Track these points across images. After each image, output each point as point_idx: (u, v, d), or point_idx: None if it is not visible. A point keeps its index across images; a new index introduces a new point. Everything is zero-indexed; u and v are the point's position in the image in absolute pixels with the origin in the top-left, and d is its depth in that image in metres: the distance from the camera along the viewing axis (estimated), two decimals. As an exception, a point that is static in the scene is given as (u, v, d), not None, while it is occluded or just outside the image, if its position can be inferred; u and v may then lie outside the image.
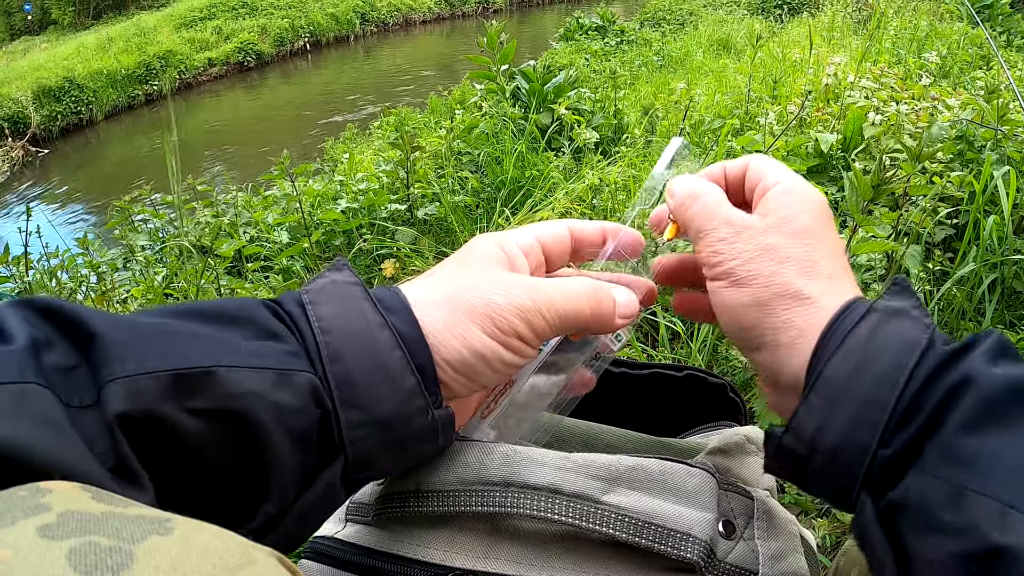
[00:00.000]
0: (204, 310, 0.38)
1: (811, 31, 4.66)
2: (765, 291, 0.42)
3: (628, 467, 0.46)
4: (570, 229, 0.51)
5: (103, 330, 0.32)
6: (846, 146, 2.26)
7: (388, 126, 5.23)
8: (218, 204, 2.68)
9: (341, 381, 0.38)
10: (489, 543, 0.46)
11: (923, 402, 0.36)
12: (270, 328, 0.38)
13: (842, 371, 0.38)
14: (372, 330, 0.39)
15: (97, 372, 0.31)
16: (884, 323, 0.39)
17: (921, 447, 0.35)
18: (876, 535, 0.36)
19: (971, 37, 4.63)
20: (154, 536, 0.25)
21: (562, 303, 0.44)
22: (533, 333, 0.43)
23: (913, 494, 0.34)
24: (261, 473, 0.35)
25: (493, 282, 0.44)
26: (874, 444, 0.36)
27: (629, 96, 4.60)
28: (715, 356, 1.53)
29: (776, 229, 0.44)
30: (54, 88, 10.87)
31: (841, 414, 0.37)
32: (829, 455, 0.38)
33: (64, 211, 7.53)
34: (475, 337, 0.42)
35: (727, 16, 8.63)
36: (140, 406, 0.31)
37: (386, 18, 16.26)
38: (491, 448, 0.47)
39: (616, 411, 0.67)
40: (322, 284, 0.42)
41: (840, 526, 1.13)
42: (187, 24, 14.21)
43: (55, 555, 0.22)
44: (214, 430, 0.33)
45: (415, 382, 0.40)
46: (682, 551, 0.43)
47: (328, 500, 0.40)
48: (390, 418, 0.39)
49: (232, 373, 0.34)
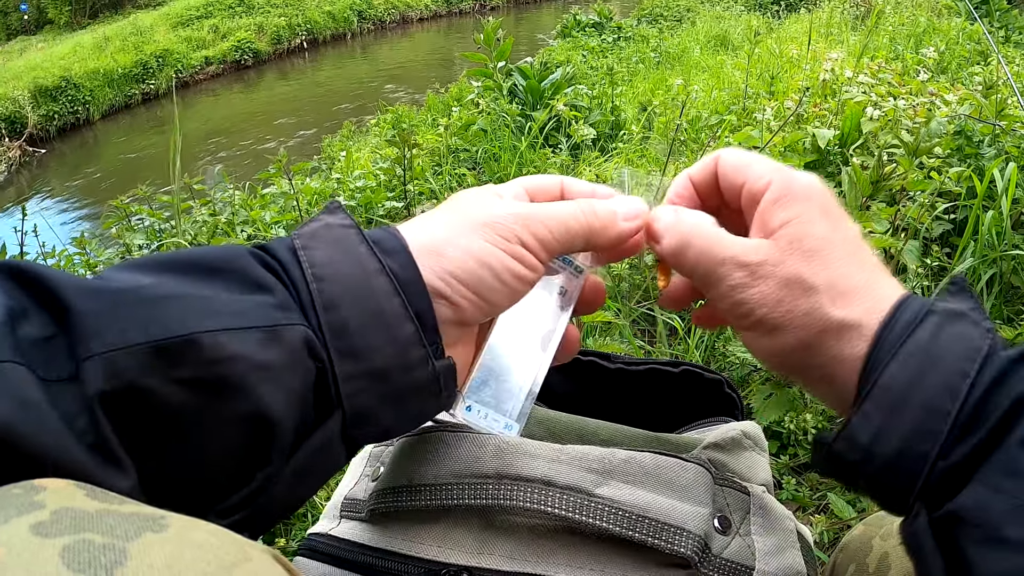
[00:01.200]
0: (185, 261, 0.36)
1: (809, 26, 4.65)
2: (805, 332, 0.39)
3: (622, 460, 0.46)
4: (563, 183, 0.48)
5: (78, 301, 0.31)
6: (843, 142, 2.25)
7: (385, 123, 5.22)
8: (215, 202, 2.67)
9: (336, 330, 0.36)
10: (483, 539, 0.46)
11: (986, 412, 0.34)
12: (257, 279, 0.36)
13: (901, 378, 0.36)
14: (368, 276, 0.37)
15: (74, 346, 0.30)
16: (944, 327, 0.37)
17: (983, 459, 0.34)
18: (927, 544, 0.35)
19: (969, 33, 4.63)
20: (148, 533, 0.25)
21: (561, 214, 0.43)
22: (537, 241, 0.41)
23: (975, 507, 0.33)
24: (260, 437, 0.34)
25: (492, 203, 0.42)
26: (933, 455, 0.35)
27: (626, 93, 4.60)
28: (712, 352, 1.53)
29: (791, 253, 0.40)
30: (51, 88, 10.84)
31: (899, 423, 0.36)
32: (885, 464, 0.36)
33: (61, 211, 7.52)
34: (478, 245, 0.40)
35: (724, 12, 8.62)
36: (121, 381, 0.30)
37: (383, 16, 16.24)
38: (484, 440, 0.47)
39: (612, 407, 0.67)
40: (315, 228, 0.40)
41: (838, 522, 1.13)
42: (184, 23, 14.17)
43: (48, 553, 0.22)
44: (201, 399, 0.32)
45: (413, 330, 0.38)
46: (676, 545, 0.43)
47: (326, 458, 0.38)
48: (388, 368, 0.37)
49: (215, 337, 0.32)
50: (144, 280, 0.33)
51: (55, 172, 9.42)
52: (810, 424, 1.29)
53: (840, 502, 1.16)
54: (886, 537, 0.58)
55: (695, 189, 0.47)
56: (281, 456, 0.35)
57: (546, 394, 0.68)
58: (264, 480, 0.35)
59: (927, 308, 0.38)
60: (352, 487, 0.55)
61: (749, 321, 0.41)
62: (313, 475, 0.38)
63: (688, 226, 0.43)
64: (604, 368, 0.68)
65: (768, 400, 1.23)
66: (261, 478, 0.34)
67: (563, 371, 0.70)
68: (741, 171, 0.44)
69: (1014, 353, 0.36)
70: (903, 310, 0.38)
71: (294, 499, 0.38)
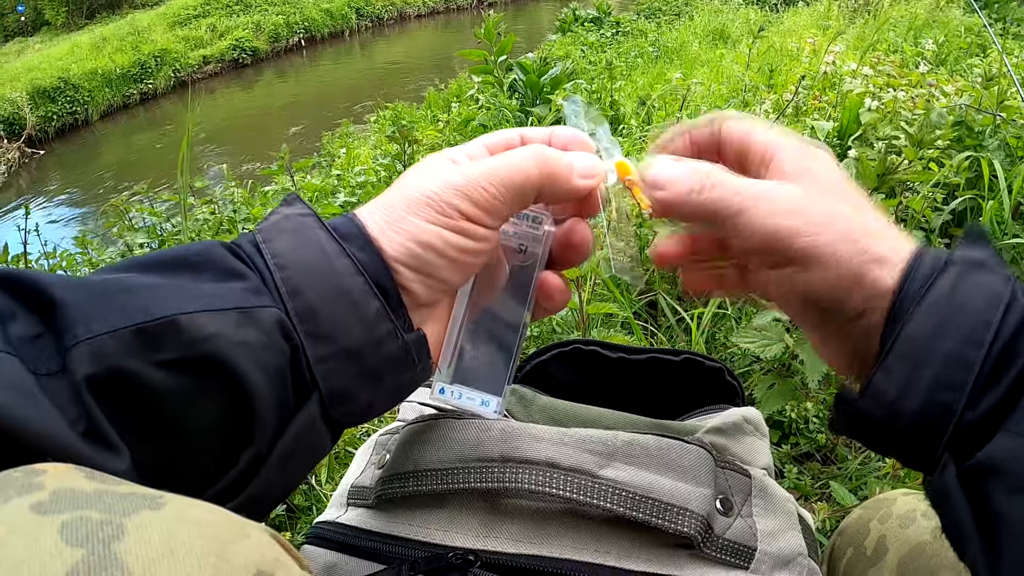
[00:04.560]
0: (163, 259, 0.37)
1: (808, 19, 4.65)
2: (848, 262, 0.38)
3: (625, 442, 0.47)
4: (521, 135, 0.47)
5: (63, 295, 0.32)
6: (842, 134, 2.26)
7: (384, 120, 5.22)
8: (216, 201, 2.68)
9: (304, 314, 0.37)
10: (488, 522, 0.47)
11: (1012, 360, 0.34)
12: (231, 268, 0.37)
13: (924, 330, 0.36)
14: (330, 259, 0.38)
15: (61, 338, 0.31)
16: (965, 277, 0.36)
17: (1012, 407, 0.33)
18: (956, 497, 0.35)
19: (967, 24, 4.63)
20: (145, 511, 0.25)
21: (505, 170, 0.41)
22: (479, 210, 0.40)
23: (1005, 455, 0.33)
24: (241, 414, 0.35)
25: (431, 175, 0.42)
26: (960, 406, 0.35)
27: (625, 87, 4.59)
28: (714, 343, 1.54)
29: (823, 190, 0.40)
30: (49, 89, 10.82)
31: (925, 376, 0.35)
32: (912, 419, 0.36)
33: (61, 210, 7.52)
34: (415, 227, 0.40)
35: (722, 6, 8.61)
36: (106, 365, 0.31)
37: (381, 13, 16.21)
38: (489, 425, 0.47)
39: (614, 396, 0.67)
40: (274, 220, 0.41)
41: (840, 510, 1.13)
42: (181, 22, 14.14)
43: (47, 530, 0.23)
44: (185, 379, 0.33)
45: (379, 305, 0.38)
46: (679, 525, 0.43)
47: (309, 442, 0.38)
48: (359, 346, 0.38)
49: (194, 319, 0.33)
50: (126, 275, 0.35)
51: (54, 173, 9.41)
52: (811, 413, 1.30)
53: (842, 490, 1.16)
54: (883, 520, 0.58)
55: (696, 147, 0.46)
56: (264, 435, 0.36)
57: (549, 383, 0.69)
58: (250, 462, 0.35)
59: (945, 259, 0.37)
60: (359, 476, 0.56)
61: (785, 255, 0.39)
62: (299, 459, 0.38)
63: (700, 165, 0.41)
64: (606, 357, 0.69)
65: (770, 390, 1.23)
66: (246, 460, 0.35)
67: (565, 360, 0.70)
68: (747, 135, 0.44)
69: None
70: (920, 263, 0.38)
71: (284, 485, 0.39)
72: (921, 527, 0.54)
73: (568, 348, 0.70)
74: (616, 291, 1.44)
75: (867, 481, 1.20)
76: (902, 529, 0.56)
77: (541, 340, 1.56)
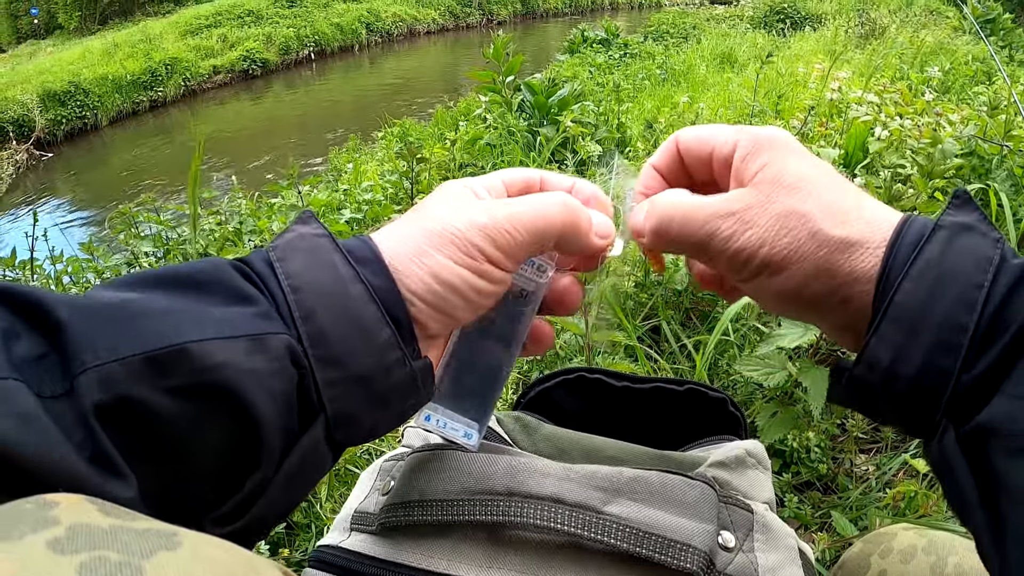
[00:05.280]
0: (170, 278, 0.36)
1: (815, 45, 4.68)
2: (814, 258, 0.39)
3: (629, 479, 0.47)
4: (542, 177, 0.48)
5: (69, 317, 0.31)
6: (848, 161, 2.27)
7: (392, 137, 5.25)
8: (223, 212, 2.69)
9: (315, 338, 0.37)
10: (492, 554, 0.47)
11: (1005, 322, 0.34)
12: (239, 291, 0.37)
13: (916, 295, 0.36)
14: (344, 284, 0.38)
15: (68, 362, 0.31)
16: (953, 241, 0.37)
17: (1008, 368, 0.33)
18: (957, 460, 0.35)
19: (974, 52, 4.65)
20: (163, 551, 0.25)
21: (529, 216, 0.41)
22: (501, 253, 0.41)
23: (1004, 417, 0.33)
24: (248, 441, 0.34)
25: (455, 210, 0.41)
26: (956, 368, 0.35)
27: (632, 110, 4.62)
28: (716, 370, 1.54)
29: (774, 191, 0.40)
30: (59, 92, 10.89)
31: (919, 341, 0.35)
32: (908, 384, 0.36)
33: (68, 215, 7.55)
34: (438, 264, 0.40)
35: (729, 30, 8.67)
36: (115, 394, 0.30)
37: (391, 29, 16.34)
38: (495, 458, 0.48)
39: (618, 424, 0.68)
40: (289, 239, 0.40)
41: (840, 540, 1.13)
42: (192, 31, 14.27)
43: (65, 570, 0.22)
44: (194, 407, 0.32)
45: (390, 334, 0.38)
46: (682, 561, 0.43)
47: (313, 463, 0.38)
48: (367, 373, 0.38)
49: (203, 347, 0.33)
50: (132, 296, 0.34)
51: (62, 176, 9.46)
52: (813, 442, 1.30)
53: (842, 520, 1.16)
54: (884, 555, 0.58)
55: (662, 176, 0.48)
56: (270, 461, 0.36)
57: (553, 411, 0.69)
58: (255, 486, 0.35)
59: (933, 224, 0.38)
60: (362, 501, 0.56)
61: (753, 266, 0.40)
62: (303, 479, 0.38)
63: (663, 205, 0.43)
64: (610, 386, 0.69)
65: (773, 419, 1.23)
66: (251, 485, 0.35)
67: (570, 388, 0.71)
68: (705, 142, 0.44)
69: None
70: (907, 229, 0.38)
71: (286, 503, 0.38)
72: (922, 563, 0.54)
73: (573, 376, 0.71)
74: (623, 317, 1.44)
75: (868, 511, 1.20)
76: (903, 564, 0.56)
77: (545, 366, 1.56)
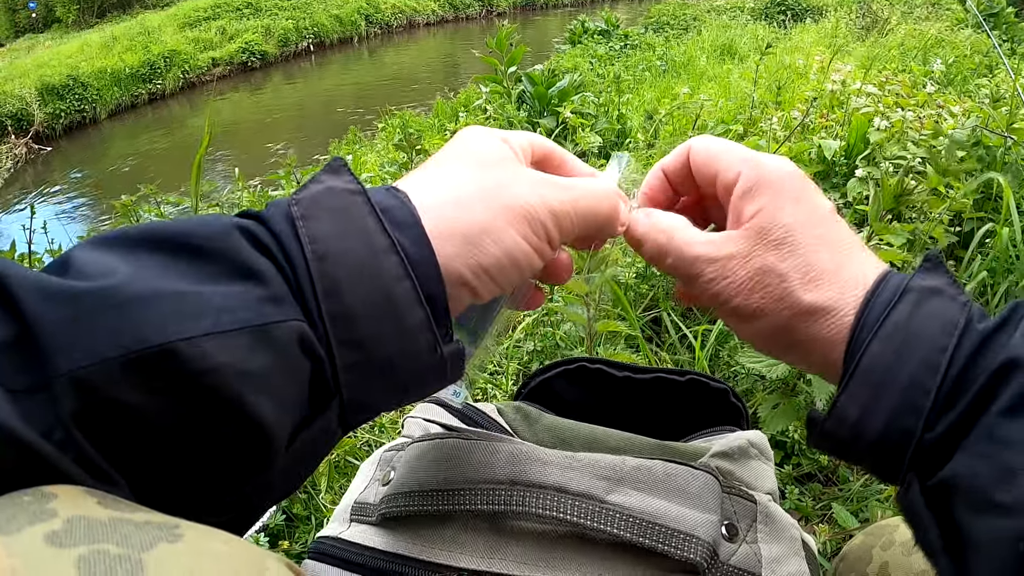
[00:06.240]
0: (167, 239, 0.31)
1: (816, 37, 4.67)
2: (778, 317, 0.41)
3: (633, 468, 0.47)
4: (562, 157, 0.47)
5: (40, 308, 0.27)
6: (849, 153, 2.26)
7: (392, 128, 5.24)
8: (223, 205, 2.68)
9: (338, 317, 0.33)
10: (494, 543, 0.46)
11: (967, 384, 0.35)
12: (246, 263, 0.32)
13: (883, 356, 0.37)
14: (378, 256, 0.34)
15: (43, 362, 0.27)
16: (921, 304, 0.38)
17: (968, 428, 0.34)
18: (922, 512, 0.36)
19: (975, 44, 4.64)
20: (163, 544, 0.24)
21: (587, 204, 0.42)
22: (561, 235, 0.41)
23: (964, 474, 0.34)
24: (250, 448, 0.31)
25: (523, 181, 0.40)
26: (919, 429, 0.36)
27: (632, 101, 4.61)
28: (717, 362, 1.54)
29: (759, 244, 0.42)
30: (58, 86, 10.85)
31: (884, 401, 0.37)
32: (874, 440, 0.38)
33: (67, 208, 7.54)
34: (513, 242, 0.38)
35: (730, 22, 8.64)
36: (94, 400, 0.27)
37: (390, 20, 16.29)
38: (496, 448, 0.47)
39: (619, 415, 0.67)
40: (315, 192, 0.35)
41: (841, 532, 1.13)
42: (191, 24, 14.21)
43: (64, 564, 0.22)
44: (186, 413, 0.29)
45: (423, 316, 0.35)
46: (686, 552, 0.43)
47: (323, 444, 0.36)
48: (392, 357, 0.35)
49: (195, 346, 0.28)
50: (116, 268, 0.29)
51: (60, 170, 9.44)
52: (814, 434, 1.29)
53: (843, 512, 1.16)
54: (886, 547, 0.58)
55: (669, 181, 0.49)
56: (275, 459, 0.33)
57: (554, 401, 0.69)
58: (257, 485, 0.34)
59: (903, 287, 0.39)
60: (362, 491, 0.56)
61: (727, 309, 0.43)
62: (309, 461, 0.36)
63: (661, 234, 0.45)
64: (611, 376, 0.69)
65: (775, 410, 1.23)
66: (254, 484, 0.33)
67: (570, 378, 0.70)
68: (712, 162, 0.45)
69: (991, 324, 0.37)
70: (882, 289, 0.39)
71: (288, 487, 0.36)
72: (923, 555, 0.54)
73: (573, 366, 0.70)
74: (627, 306, 1.44)
75: (869, 503, 1.20)
76: (905, 557, 0.56)
77: (546, 356, 1.56)
